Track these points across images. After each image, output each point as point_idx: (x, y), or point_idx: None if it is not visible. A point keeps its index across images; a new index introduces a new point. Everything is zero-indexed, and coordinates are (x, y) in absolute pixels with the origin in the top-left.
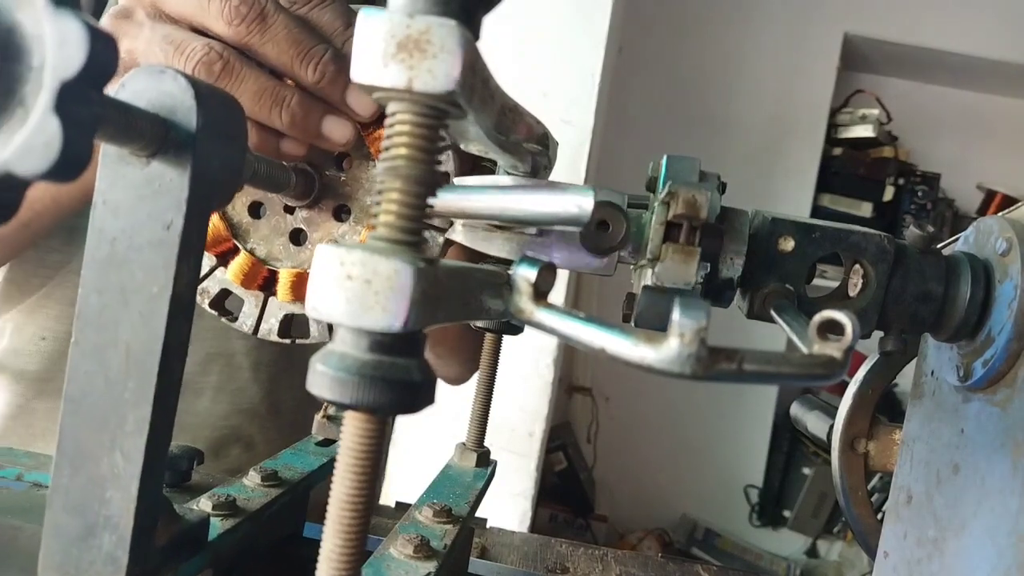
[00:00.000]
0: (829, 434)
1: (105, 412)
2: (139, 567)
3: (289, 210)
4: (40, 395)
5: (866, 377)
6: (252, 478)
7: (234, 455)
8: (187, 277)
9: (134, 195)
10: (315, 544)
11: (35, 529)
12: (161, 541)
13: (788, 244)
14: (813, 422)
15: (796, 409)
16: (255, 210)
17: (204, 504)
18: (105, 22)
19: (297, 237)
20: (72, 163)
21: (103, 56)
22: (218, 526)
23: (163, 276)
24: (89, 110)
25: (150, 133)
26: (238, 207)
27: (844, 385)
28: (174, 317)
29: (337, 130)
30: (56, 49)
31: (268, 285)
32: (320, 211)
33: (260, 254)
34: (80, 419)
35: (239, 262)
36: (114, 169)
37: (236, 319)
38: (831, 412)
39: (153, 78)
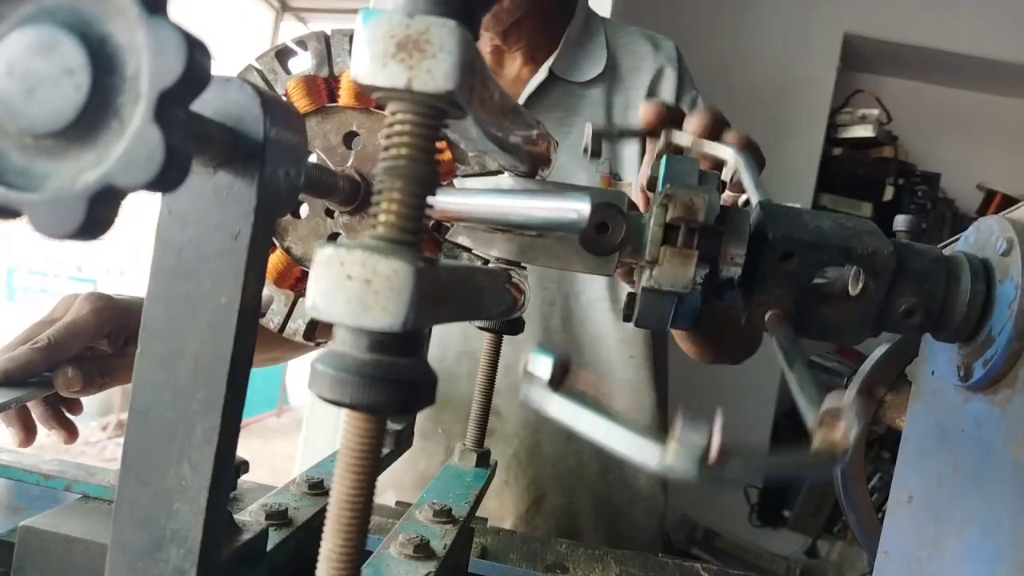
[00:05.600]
0: None
1: (172, 423)
2: None
3: (329, 213)
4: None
5: (866, 378)
6: (299, 486)
7: (489, 420)
8: (254, 286)
9: (201, 205)
10: (366, 553)
11: (88, 543)
12: (225, 553)
13: (792, 264)
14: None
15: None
16: (296, 209)
17: (257, 514)
18: None
19: (334, 241)
20: (173, 174)
21: (200, 64)
22: (273, 536)
23: (231, 286)
24: (187, 119)
25: (219, 143)
26: None
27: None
28: (242, 327)
29: None
30: (153, 58)
31: (300, 285)
32: (361, 218)
33: (296, 254)
34: (146, 431)
35: (273, 260)
36: None
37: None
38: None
39: (220, 87)
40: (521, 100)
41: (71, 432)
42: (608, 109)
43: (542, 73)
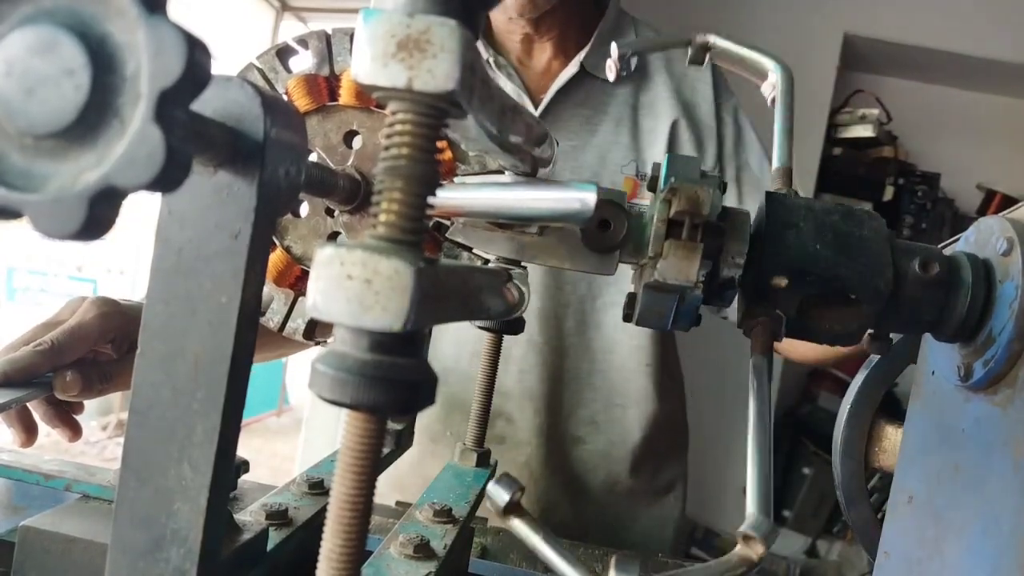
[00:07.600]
0: (831, 436)
1: (172, 423)
2: None
3: (330, 212)
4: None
5: (867, 378)
6: (299, 486)
7: (499, 426)
8: (254, 286)
9: (201, 205)
10: (367, 553)
11: (88, 543)
12: (225, 553)
13: (781, 282)
14: None
15: None
16: (296, 208)
17: (257, 514)
18: None
19: (335, 241)
20: (174, 174)
21: (201, 63)
22: (273, 536)
23: (232, 285)
24: (188, 119)
25: (220, 143)
26: None
27: (845, 386)
28: (242, 326)
29: None
30: (153, 57)
31: (299, 284)
32: (361, 217)
33: (296, 253)
34: (146, 431)
35: (273, 258)
36: None
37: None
38: None
39: (220, 87)
40: (549, 94)
41: (75, 430)
42: (635, 110)
43: (573, 67)
